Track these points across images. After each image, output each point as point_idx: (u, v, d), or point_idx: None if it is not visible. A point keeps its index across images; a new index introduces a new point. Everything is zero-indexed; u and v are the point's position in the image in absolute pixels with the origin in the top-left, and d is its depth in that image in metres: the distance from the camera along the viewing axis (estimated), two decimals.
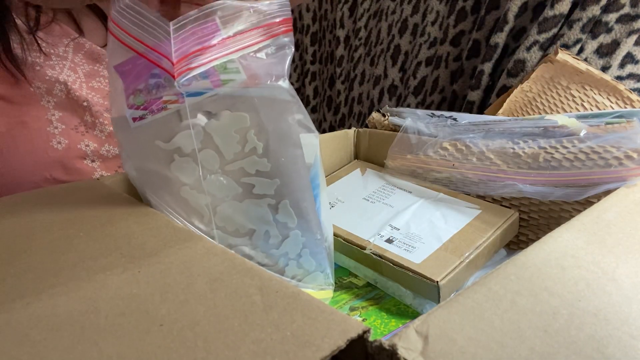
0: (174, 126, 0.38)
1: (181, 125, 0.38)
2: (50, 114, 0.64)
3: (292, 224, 0.40)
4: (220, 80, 0.38)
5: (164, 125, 0.38)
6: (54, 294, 0.29)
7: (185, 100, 0.37)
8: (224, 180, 0.39)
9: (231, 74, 0.38)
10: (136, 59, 0.38)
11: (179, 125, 0.38)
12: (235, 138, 0.38)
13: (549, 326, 0.24)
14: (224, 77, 0.38)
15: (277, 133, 0.39)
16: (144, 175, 0.40)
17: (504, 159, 0.56)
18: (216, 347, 0.24)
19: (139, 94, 0.38)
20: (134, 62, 0.38)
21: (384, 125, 0.72)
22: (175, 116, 0.38)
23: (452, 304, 0.26)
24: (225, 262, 0.32)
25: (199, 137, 0.38)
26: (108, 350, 0.24)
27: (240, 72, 0.38)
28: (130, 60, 0.38)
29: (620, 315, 0.25)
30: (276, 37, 0.40)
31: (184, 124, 0.38)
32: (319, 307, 0.26)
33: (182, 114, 0.38)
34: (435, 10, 0.99)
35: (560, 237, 0.33)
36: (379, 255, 0.50)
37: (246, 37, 0.39)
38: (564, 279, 0.28)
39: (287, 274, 0.41)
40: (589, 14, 0.76)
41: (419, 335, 0.23)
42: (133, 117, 0.38)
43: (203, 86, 0.38)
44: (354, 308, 0.48)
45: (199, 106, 0.38)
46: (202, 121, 0.38)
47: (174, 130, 0.38)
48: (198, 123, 0.38)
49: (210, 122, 0.38)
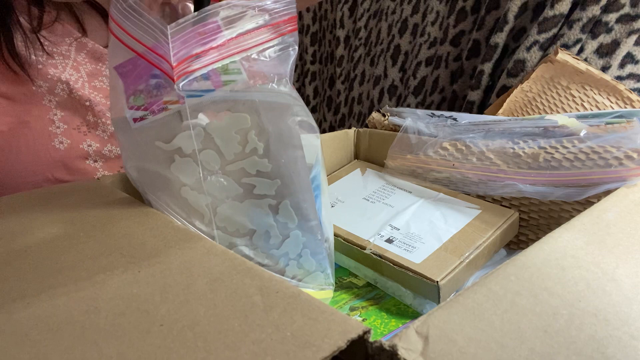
0: (175, 127, 0.38)
1: (182, 126, 0.38)
2: (52, 113, 0.64)
3: (293, 225, 0.40)
4: (221, 81, 0.38)
5: (165, 126, 0.38)
6: (54, 294, 0.29)
7: (185, 101, 0.37)
8: (225, 180, 0.39)
9: (232, 75, 0.38)
10: (136, 59, 0.38)
11: (179, 126, 0.38)
12: (235, 139, 0.38)
13: (549, 326, 0.24)
14: (225, 78, 0.38)
15: (278, 134, 0.39)
16: (145, 176, 0.40)
17: (504, 159, 0.56)
18: (216, 348, 0.24)
19: (140, 95, 0.38)
20: (134, 62, 0.38)
21: (384, 125, 0.72)
22: (176, 117, 0.38)
23: (452, 304, 0.26)
24: (226, 262, 0.32)
25: (200, 137, 0.38)
26: (108, 350, 0.24)
27: (242, 74, 0.39)
28: (130, 60, 0.38)
29: (620, 316, 0.25)
30: (282, 36, 0.40)
31: (185, 125, 0.38)
32: (319, 307, 0.26)
33: (183, 114, 0.38)
34: (435, 10, 0.99)
35: (560, 237, 0.33)
36: (379, 255, 0.50)
37: (251, 38, 0.39)
38: (564, 279, 0.28)
39: (288, 274, 0.41)
40: (589, 14, 0.76)
41: (419, 336, 0.23)
42: (134, 118, 0.38)
43: (204, 87, 0.38)
44: (354, 308, 0.48)
45: (199, 107, 0.38)
46: (202, 122, 0.38)
47: (175, 131, 0.38)
48: (199, 124, 0.38)
49: (211, 123, 0.38)
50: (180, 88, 0.37)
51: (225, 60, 0.38)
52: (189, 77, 0.37)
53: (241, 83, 0.38)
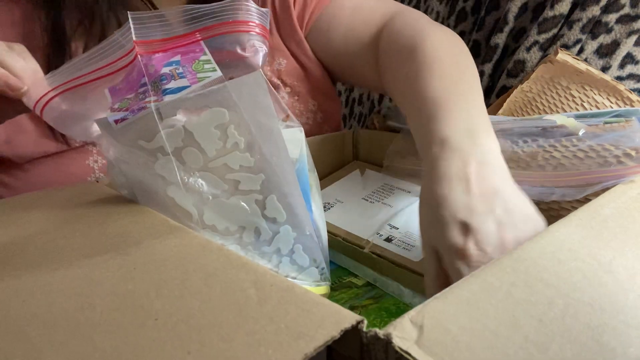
0: (155, 125, 0.38)
1: (161, 124, 0.38)
2: (92, 160, 0.64)
3: (281, 219, 0.40)
4: (197, 78, 0.39)
5: (145, 125, 0.38)
6: (50, 291, 0.29)
7: (163, 98, 0.38)
8: (209, 178, 0.39)
9: (207, 72, 0.39)
10: (128, 74, 0.40)
11: (159, 124, 0.38)
12: (215, 134, 0.39)
13: (544, 315, 0.24)
14: (201, 75, 0.39)
15: (257, 127, 0.39)
16: (131, 179, 0.41)
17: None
18: (210, 340, 0.24)
19: (127, 101, 0.39)
20: (126, 78, 0.40)
21: (384, 126, 0.72)
22: (155, 115, 0.38)
23: (447, 294, 0.26)
24: (221, 257, 0.32)
25: (180, 135, 0.38)
26: (103, 344, 0.24)
27: (216, 70, 0.39)
28: (123, 79, 0.40)
29: (615, 305, 0.25)
30: (249, 33, 0.42)
31: (164, 123, 0.38)
32: (313, 299, 0.26)
33: (162, 112, 0.38)
34: (435, 11, 0.99)
35: (557, 231, 0.33)
36: (378, 254, 0.50)
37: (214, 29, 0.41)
38: (560, 270, 0.28)
39: (282, 272, 0.41)
40: (589, 15, 0.76)
41: (414, 325, 0.23)
42: (115, 120, 0.38)
43: (180, 84, 0.38)
44: (353, 307, 0.48)
45: (177, 104, 0.38)
46: (181, 119, 0.38)
47: (155, 129, 0.38)
48: (178, 121, 0.38)
49: (190, 120, 0.38)
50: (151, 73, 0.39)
51: (190, 51, 0.41)
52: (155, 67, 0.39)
53: (215, 78, 0.39)
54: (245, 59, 0.42)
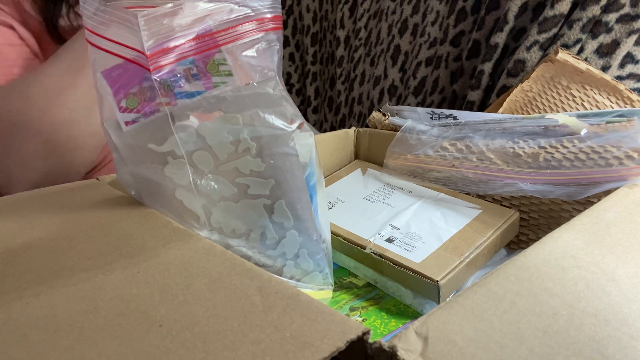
0: (167, 128, 0.38)
1: (173, 128, 0.38)
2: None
3: (289, 224, 0.40)
4: (212, 82, 0.38)
5: (157, 128, 0.38)
6: (53, 295, 0.29)
7: (177, 102, 0.37)
8: (219, 181, 0.39)
9: (223, 77, 0.38)
10: (126, 64, 0.38)
11: (171, 127, 0.38)
12: (228, 139, 0.38)
13: (549, 327, 0.24)
14: (216, 79, 0.38)
15: (270, 133, 0.39)
16: (139, 179, 0.40)
17: (504, 158, 0.56)
18: (215, 348, 0.24)
19: (132, 98, 0.38)
20: (124, 66, 0.38)
21: (384, 125, 0.72)
22: (168, 119, 0.37)
23: (452, 305, 0.26)
24: (225, 262, 0.32)
25: (192, 139, 0.38)
26: (107, 350, 0.24)
27: (232, 75, 0.39)
28: (119, 65, 0.38)
29: (620, 316, 0.25)
30: (266, 32, 0.40)
31: (177, 126, 0.38)
32: (319, 308, 0.26)
33: (175, 116, 0.37)
34: (435, 11, 0.99)
35: (560, 237, 0.33)
36: (379, 254, 0.50)
37: (234, 31, 0.38)
38: (564, 279, 0.28)
39: (286, 274, 0.41)
40: (589, 14, 0.76)
41: (419, 337, 0.23)
42: (125, 121, 0.38)
43: (195, 88, 0.38)
44: (354, 308, 0.48)
45: (191, 108, 0.38)
46: (194, 123, 0.38)
47: (167, 133, 0.38)
48: (190, 125, 0.38)
49: (202, 124, 0.38)
50: (159, 80, 0.36)
51: (206, 52, 0.38)
52: (164, 70, 0.36)
53: (232, 84, 0.38)
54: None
